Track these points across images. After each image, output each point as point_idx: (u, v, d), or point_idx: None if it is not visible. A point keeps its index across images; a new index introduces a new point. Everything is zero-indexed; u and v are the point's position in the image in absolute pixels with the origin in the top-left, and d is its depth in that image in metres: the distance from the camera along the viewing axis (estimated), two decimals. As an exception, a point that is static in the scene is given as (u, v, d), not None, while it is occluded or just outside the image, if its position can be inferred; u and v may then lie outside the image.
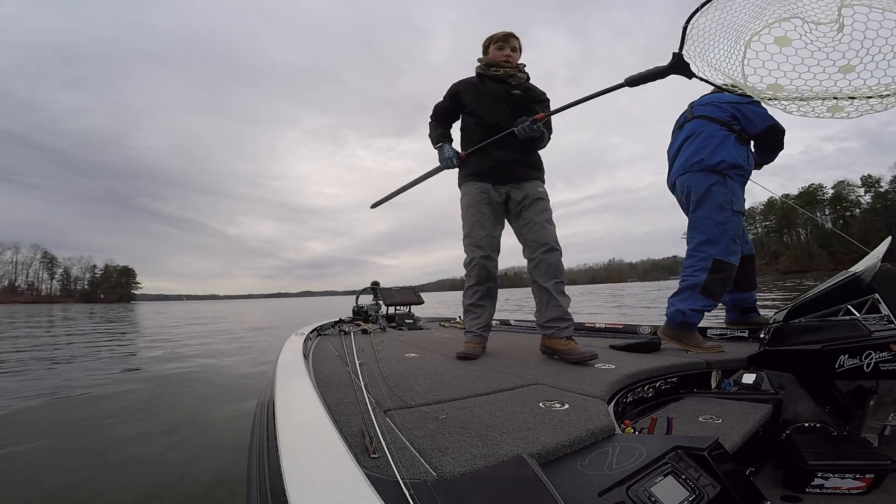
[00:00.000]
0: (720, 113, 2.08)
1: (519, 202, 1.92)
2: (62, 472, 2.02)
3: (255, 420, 1.03)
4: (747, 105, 2.04)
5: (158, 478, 1.98)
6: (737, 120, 2.05)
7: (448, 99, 2.06)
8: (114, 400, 3.38)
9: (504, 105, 1.94)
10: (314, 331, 2.68)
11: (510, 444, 0.79)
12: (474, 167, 1.95)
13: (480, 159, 1.93)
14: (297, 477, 0.55)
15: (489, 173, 1.93)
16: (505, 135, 1.84)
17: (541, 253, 1.83)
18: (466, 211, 1.95)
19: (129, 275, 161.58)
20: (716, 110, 2.10)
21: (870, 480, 1.02)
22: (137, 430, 2.60)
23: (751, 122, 2.04)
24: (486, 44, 2.05)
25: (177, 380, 4.18)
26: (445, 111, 2.09)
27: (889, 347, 1.22)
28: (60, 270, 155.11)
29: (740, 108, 2.05)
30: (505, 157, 1.90)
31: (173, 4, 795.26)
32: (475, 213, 1.92)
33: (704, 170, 2.02)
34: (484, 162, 1.93)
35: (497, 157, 1.91)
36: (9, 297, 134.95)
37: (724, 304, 2.31)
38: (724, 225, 1.98)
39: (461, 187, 2.02)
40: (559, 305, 1.80)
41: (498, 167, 1.91)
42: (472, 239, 1.93)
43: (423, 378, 1.40)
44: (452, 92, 2.04)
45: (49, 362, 5.39)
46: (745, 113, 2.04)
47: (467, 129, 2.02)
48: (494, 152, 1.90)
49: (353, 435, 0.82)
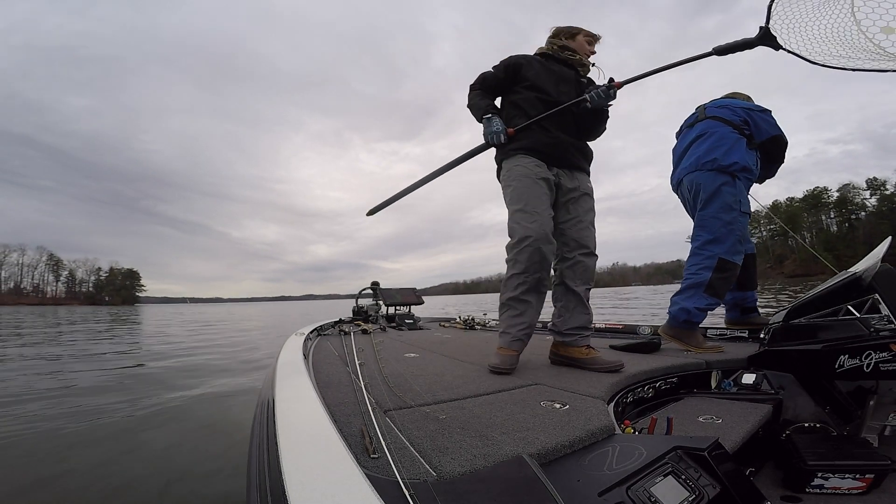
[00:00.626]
0: (733, 116, 2.09)
1: (567, 192, 1.71)
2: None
3: (255, 420, 1.03)
4: (758, 113, 2.07)
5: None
6: (748, 125, 2.07)
7: (504, 69, 1.80)
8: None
9: (573, 88, 1.78)
10: (314, 331, 2.68)
11: (510, 444, 0.79)
12: (529, 142, 1.69)
13: (537, 134, 1.69)
14: (297, 477, 0.54)
15: (546, 151, 1.68)
16: (567, 113, 1.68)
17: (579, 254, 1.68)
18: (520, 181, 1.64)
19: (134, 277, 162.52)
20: (729, 113, 2.11)
21: (870, 480, 1.02)
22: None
23: (759, 129, 2.06)
24: (567, 32, 1.89)
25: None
26: (497, 82, 1.82)
27: (889, 347, 1.22)
28: (66, 273, 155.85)
29: (752, 115, 2.07)
30: (564, 139, 1.70)
31: (180, 7, 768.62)
32: (531, 185, 1.62)
33: (716, 169, 2.02)
34: (541, 138, 1.68)
35: (556, 137, 1.69)
36: (14, 298, 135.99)
37: (725, 303, 2.31)
38: (731, 225, 1.98)
39: (506, 161, 1.74)
40: (586, 313, 1.67)
41: (556, 146, 1.69)
42: (529, 214, 1.57)
43: (423, 378, 1.40)
44: (512, 63, 1.79)
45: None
46: (755, 119, 2.07)
47: (524, 102, 1.74)
48: (554, 131, 1.69)
49: (353, 435, 0.82)
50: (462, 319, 3.70)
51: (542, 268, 1.59)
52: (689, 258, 2.10)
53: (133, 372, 4.65)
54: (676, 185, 2.29)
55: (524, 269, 1.57)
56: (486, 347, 2.17)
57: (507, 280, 1.65)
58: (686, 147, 2.22)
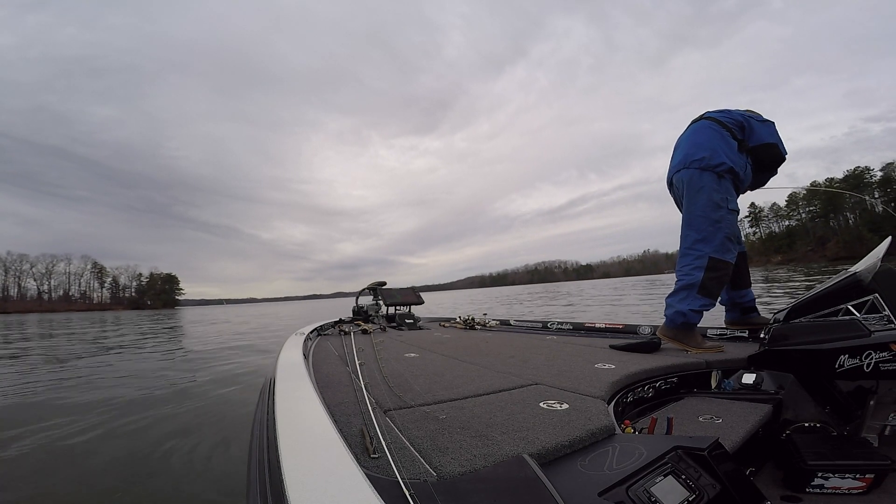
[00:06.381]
0: (729, 119, 2.09)
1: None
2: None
3: (255, 420, 1.03)
4: (758, 122, 2.07)
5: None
6: (742, 130, 2.07)
7: None
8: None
9: None
10: (314, 331, 2.68)
11: (510, 444, 0.79)
12: None
13: None
14: (297, 477, 0.54)
15: None
16: None
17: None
18: None
19: (173, 281, 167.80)
20: (725, 115, 2.11)
21: (870, 480, 1.02)
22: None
23: (753, 133, 2.06)
24: None
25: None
26: None
27: (889, 347, 1.22)
28: (109, 279, 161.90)
29: (749, 121, 2.07)
30: None
31: (186, 14, 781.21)
32: None
33: (704, 168, 2.03)
34: None
35: None
36: (65, 305, 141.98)
37: (723, 303, 2.31)
38: (718, 223, 1.98)
39: None
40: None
41: None
42: None
43: (423, 378, 1.40)
44: None
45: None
46: (752, 125, 2.07)
47: None
48: None
49: (353, 435, 0.82)
50: (462, 319, 3.70)
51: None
52: (680, 258, 2.10)
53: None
54: (669, 182, 2.30)
55: None
56: (485, 347, 2.17)
57: None
58: (679, 146, 2.24)
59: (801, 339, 1.50)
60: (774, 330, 1.63)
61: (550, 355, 1.83)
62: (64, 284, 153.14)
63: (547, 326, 3.23)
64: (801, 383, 1.42)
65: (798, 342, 1.49)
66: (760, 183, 2.29)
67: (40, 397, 4.07)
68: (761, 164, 2.15)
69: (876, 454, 1.07)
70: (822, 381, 1.38)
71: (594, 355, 1.78)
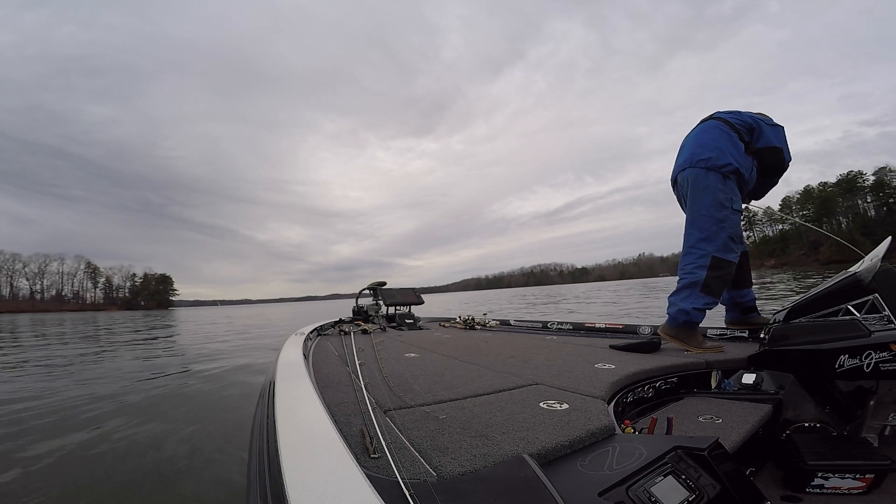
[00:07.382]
0: (738, 120, 2.08)
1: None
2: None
3: (255, 420, 1.03)
4: (768, 125, 2.06)
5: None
6: (751, 132, 2.06)
7: None
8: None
9: None
10: (314, 331, 2.68)
11: (510, 444, 0.78)
12: None
13: None
14: (297, 477, 0.54)
15: None
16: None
17: None
18: None
19: (167, 282, 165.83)
20: (734, 116, 2.10)
21: (870, 480, 1.02)
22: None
23: (762, 135, 2.05)
24: None
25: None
26: None
27: (889, 347, 1.22)
28: (103, 279, 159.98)
29: (759, 123, 2.06)
30: None
31: (185, 14, 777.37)
32: None
33: (710, 167, 2.02)
34: None
35: None
36: (57, 305, 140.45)
37: (724, 303, 2.31)
38: (722, 223, 1.98)
39: None
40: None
41: None
42: None
43: (423, 378, 1.40)
44: None
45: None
46: (761, 127, 2.05)
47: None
48: None
49: (353, 435, 0.82)
50: (462, 319, 3.70)
51: None
52: (683, 256, 2.10)
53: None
54: (673, 181, 2.30)
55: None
56: (485, 347, 2.17)
57: None
58: (686, 144, 2.23)
59: (801, 339, 1.50)
60: (774, 330, 1.63)
61: (550, 355, 1.83)
62: (57, 284, 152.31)
63: (547, 326, 3.23)
64: (801, 383, 1.42)
65: (798, 342, 1.49)
66: (763, 191, 2.29)
67: (32, 398, 4.07)
68: (764, 168, 2.15)
69: (876, 454, 1.07)
70: (822, 381, 1.38)
71: (594, 355, 1.78)
